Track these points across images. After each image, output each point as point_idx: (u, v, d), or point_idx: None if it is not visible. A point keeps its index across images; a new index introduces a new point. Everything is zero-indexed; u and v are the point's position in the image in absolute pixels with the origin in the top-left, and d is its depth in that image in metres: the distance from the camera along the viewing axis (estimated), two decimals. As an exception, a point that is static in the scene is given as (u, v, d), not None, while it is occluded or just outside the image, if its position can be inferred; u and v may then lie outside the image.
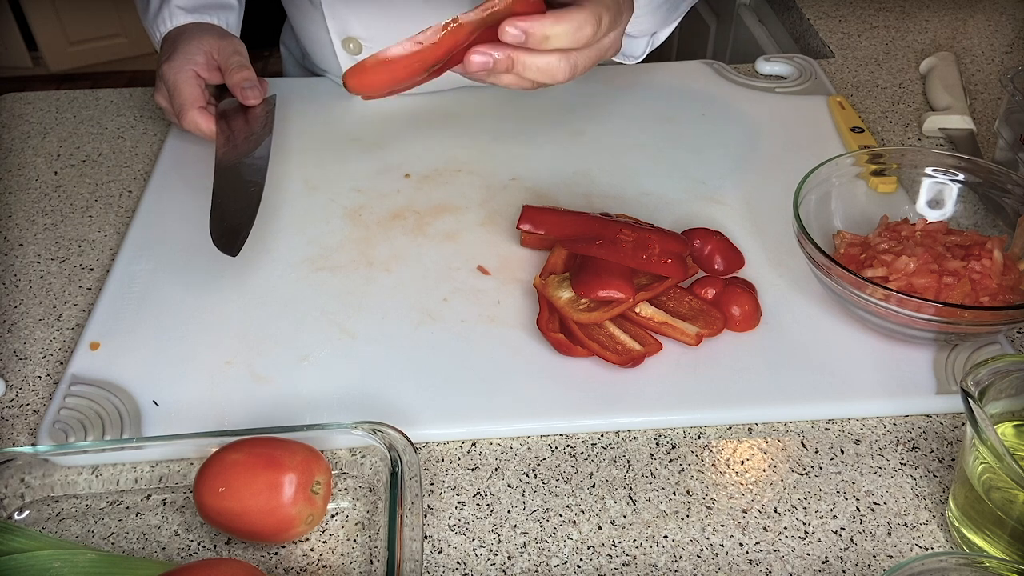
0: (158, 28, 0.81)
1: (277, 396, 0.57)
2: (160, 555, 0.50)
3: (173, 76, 0.76)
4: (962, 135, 0.83)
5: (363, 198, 0.75)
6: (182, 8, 0.80)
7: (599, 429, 0.56)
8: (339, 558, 0.49)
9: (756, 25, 1.34)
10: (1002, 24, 1.06)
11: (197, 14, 0.81)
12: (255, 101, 0.78)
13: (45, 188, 0.79)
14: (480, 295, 0.65)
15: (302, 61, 0.99)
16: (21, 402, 0.59)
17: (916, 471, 0.54)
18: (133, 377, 0.58)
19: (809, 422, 0.57)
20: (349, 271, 0.67)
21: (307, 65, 0.98)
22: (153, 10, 0.81)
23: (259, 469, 0.47)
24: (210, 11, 0.82)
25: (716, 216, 0.72)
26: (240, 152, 0.73)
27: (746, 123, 0.84)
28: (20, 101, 0.92)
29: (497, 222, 0.72)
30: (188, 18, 0.80)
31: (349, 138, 0.83)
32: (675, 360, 0.59)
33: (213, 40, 0.79)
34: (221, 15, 0.83)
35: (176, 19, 0.80)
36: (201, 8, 0.81)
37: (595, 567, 0.49)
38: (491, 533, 0.50)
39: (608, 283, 0.59)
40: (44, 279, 0.69)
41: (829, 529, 0.50)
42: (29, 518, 0.51)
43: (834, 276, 0.57)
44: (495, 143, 0.82)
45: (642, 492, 0.52)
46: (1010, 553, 0.46)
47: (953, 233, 0.62)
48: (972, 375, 0.46)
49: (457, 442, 0.56)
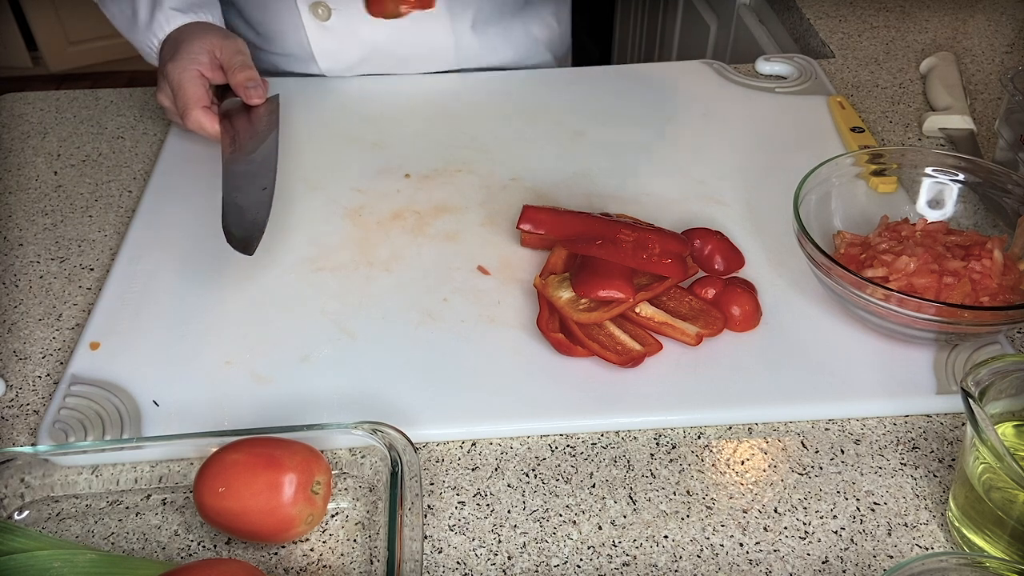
0: (155, 35, 0.80)
1: (277, 396, 0.57)
2: (160, 555, 0.50)
3: (178, 75, 0.76)
4: (962, 135, 0.83)
5: (363, 198, 0.75)
6: (176, 9, 0.80)
7: (599, 429, 0.56)
8: (339, 558, 0.49)
9: (756, 25, 1.34)
10: (1002, 24, 1.06)
11: (192, 13, 0.81)
12: (259, 100, 0.78)
13: (45, 188, 0.79)
14: (480, 295, 0.65)
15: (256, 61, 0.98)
16: (21, 402, 0.59)
17: (916, 471, 0.54)
18: (133, 377, 0.58)
19: (809, 422, 0.57)
20: (349, 271, 0.67)
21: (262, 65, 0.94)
22: (144, 20, 0.80)
23: (259, 469, 0.47)
24: (202, 9, 0.81)
25: (716, 216, 0.72)
26: (247, 152, 0.73)
27: (746, 123, 0.84)
28: (20, 101, 0.92)
29: (497, 222, 0.72)
30: (185, 18, 0.80)
31: (349, 138, 0.83)
32: (675, 360, 0.59)
33: (216, 39, 0.78)
34: (211, 11, 0.82)
35: (173, 21, 0.80)
36: (194, 7, 0.81)
37: (595, 567, 0.49)
38: (491, 533, 0.50)
39: (608, 283, 0.59)
40: (44, 279, 0.69)
41: (829, 529, 0.50)
42: (29, 518, 0.51)
43: (834, 276, 0.57)
44: (495, 143, 0.82)
45: (642, 492, 0.52)
46: (1010, 553, 0.46)
47: (953, 233, 0.62)
48: (972, 375, 0.46)
49: (457, 442, 0.56)
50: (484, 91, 0.90)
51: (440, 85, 0.91)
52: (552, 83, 0.91)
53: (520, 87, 0.90)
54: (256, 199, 0.67)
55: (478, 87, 0.90)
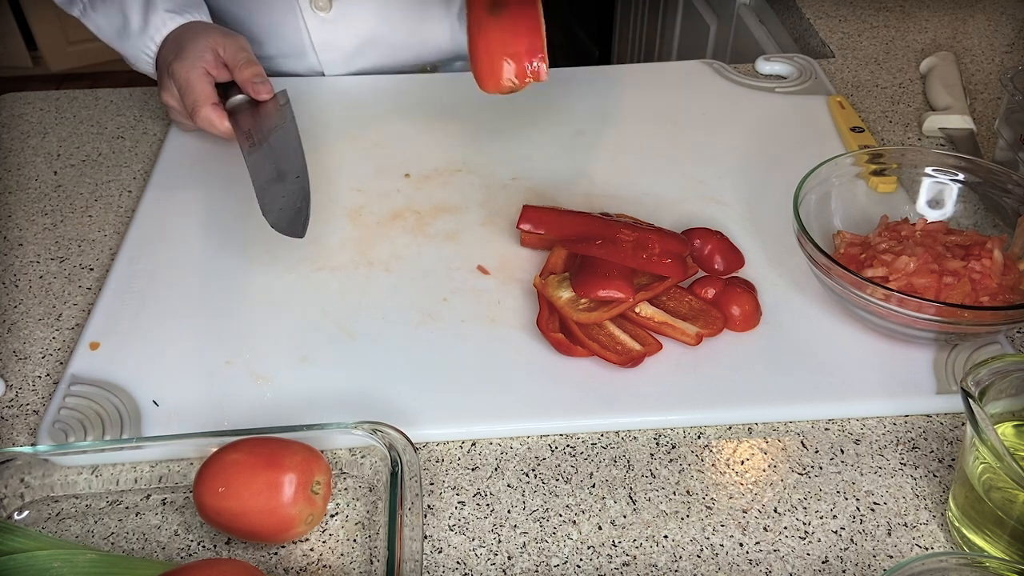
0: (152, 39, 0.80)
1: (277, 396, 0.57)
2: (160, 555, 0.50)
3: (184, 74, 0.76)
4: (962, 135, 0.83)
5: (363, 198, 0.75)
6: (170, 11, 0.80)
7: (599, 429, 0.56)
8: (339, 558, 0.49)
9: (756, 25, 1.34)
10: (1002, 24, 1.06)
11: (186, 14, 0.80)
12: (267, 95, 0.78)
13: (45, 188, 0.79)
14: (480, 295, 0.65)
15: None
16: (21, 402, 0.59)
17: (916, 471, 0.54)
18: (133, 377, 0.58)
19: (809, 422, 0.57)
20: (349, 271, 0.67)
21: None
22: (137, 25, 0.80)
23: (259, 469, 0.47)
24: (193, 9, 0.81)
25: (716, 216, 0.72)
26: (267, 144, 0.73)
27: (746, 123, 0.84)
28: (20, 101, 0.92)
29: (497, 222, 0.72)
30: (180, 19, 0.80)
31: (349, 138, 0.83)
32: (675, 360, 0.59)
33: (218, 37, 0.78)
34: (201, 11, 0.82)
35: (169, 23, 0.80)
36: (186, 7, 0.81)
37: (595, 567, 0.49)
38: (491, 533, 0.50)
39: (608, 283, 0.59)
40: (44, 279, 0.69)
41: (829, 529, 0.50)
42: (29, 518, 0.51)
43: (834, 276, 0.57)
44: (495, 143, 0.82)
45: (642, 492, 0.52)
46: (1010, 553, 0.46)
47: (953, 233, 0.62)
48: (972, 375, 0.46)
49: (457, 442, 0.56)
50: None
51: (440, 85, 0.91)
52: (552, 83, 0.91)
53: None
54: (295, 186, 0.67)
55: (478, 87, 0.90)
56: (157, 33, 0.80)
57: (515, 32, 0.62)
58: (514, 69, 0.62)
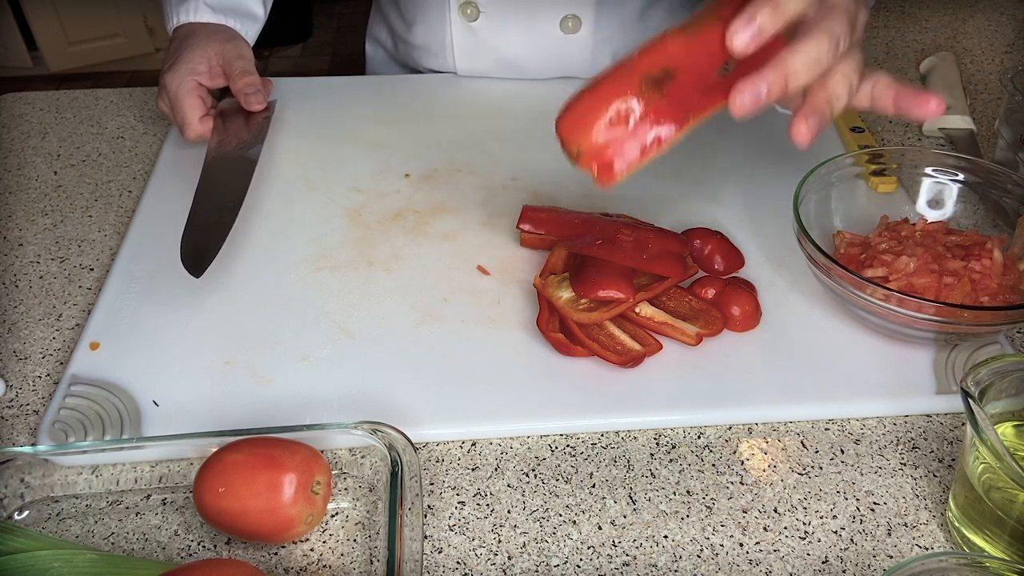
0: (178, 15, 0.80)
1: (277, 396, 0.57)
2: (160, 555, 0.50)
3: (175, 89, 0.76)
4: (962, 135, 0.83)
5: (363, 198, 0.75)
6: (209, 6, 0.80)
7: (599, 429, 0.56)
8: (339, 558, 0.49)
9: (756, 25, 1.33)
10: (1002, 24, 1.06)
11: (221, 15, 0.80)
12: (259, 107, 0.78)
13: (45, 188, 0.79)
14: (480, 295, 0.65)
15: (394, 54, 0.98)
16: (21, 402, 0.59)
17: (916, 471, 0.54)
18: (133, 377, 0.58)
19: (809, 422, 0.57)
20: (349, 271, 0.67)
21: (399, 58, 0.98)
22: None
23: (259, 469, 0.47)
24: (234, 16, 0.81)
25: (716, 216, 0.72)
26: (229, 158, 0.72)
27: (746, 123, 0.84)
28: (20, 101, 0.92)
29: (497, 222, 0.72)
30: (211, 17, 0.80)
31: (349, 138, 0.83)
32: (675, 360, 0.59)
33: (218, 45, 0.78)
34: (243, 23, 0.82)
35: (199, 14, 0.80)
36: (227, 11, 0.81)
37: (595, 567, 0.49)
38: (491, 533, 0.50)
39: (608, 283, 0.59)
40: (44, 279, 0.69)
41: (829, 529, 0.50)
42: (29, 518, 0.51)
43: (834, 276, 0.57)
44: (495, 143, 0.82)
45: (642, 492, 0.52)
46: (1010, 553, 0.46)
47: (953, 233, 0.62)
48: (972, 375, 0.46)
49: (457, 442, 0.56)
50: (484, 91, 0.90)
51: (440, 85, 0.91)
52: (552, 83, 0.91)
53: (520, 87, 0.90)
54: (218, 219, 0.66)
55: (478, 87, 0.90)
56: (184, 15, 0.80)
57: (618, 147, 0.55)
58: (586, 163, 0.56)
